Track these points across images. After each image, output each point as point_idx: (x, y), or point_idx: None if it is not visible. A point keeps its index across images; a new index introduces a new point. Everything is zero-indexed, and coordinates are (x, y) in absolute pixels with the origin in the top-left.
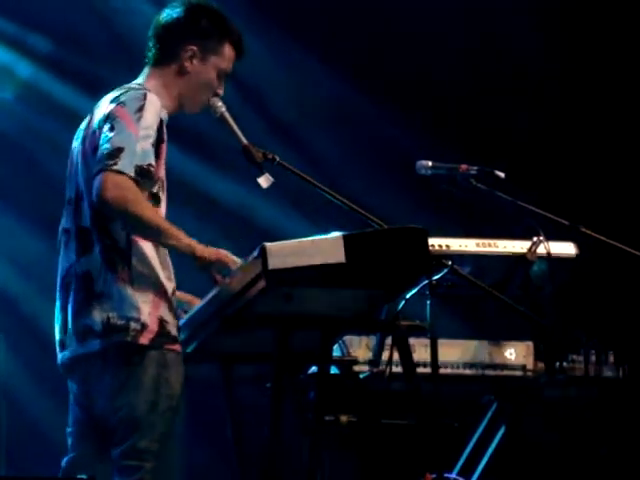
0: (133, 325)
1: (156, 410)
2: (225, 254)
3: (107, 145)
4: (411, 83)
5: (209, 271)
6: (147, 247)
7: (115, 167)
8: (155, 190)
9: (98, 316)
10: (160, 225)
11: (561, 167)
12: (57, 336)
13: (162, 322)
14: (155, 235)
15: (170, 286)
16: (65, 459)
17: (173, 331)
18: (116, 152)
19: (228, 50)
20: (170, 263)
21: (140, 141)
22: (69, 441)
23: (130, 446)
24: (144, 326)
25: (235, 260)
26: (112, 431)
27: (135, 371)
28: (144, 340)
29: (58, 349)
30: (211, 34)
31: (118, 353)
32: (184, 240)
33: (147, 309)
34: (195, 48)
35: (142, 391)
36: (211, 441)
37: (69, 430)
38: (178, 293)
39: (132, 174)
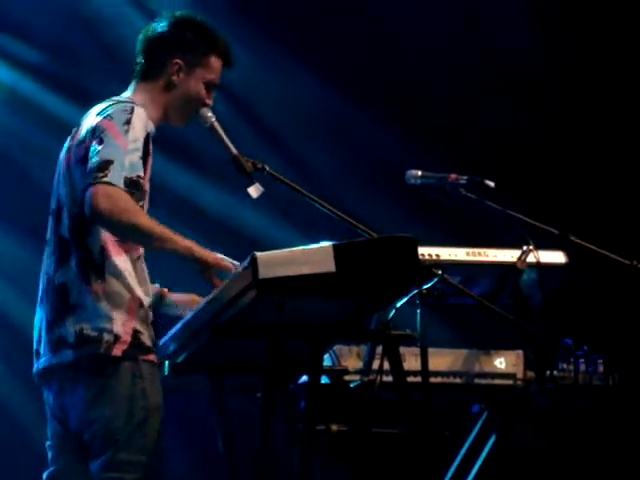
0: (106, 337)
1: (132, 422)
2: (224, 259)
3: (96, 158)
4: (402, 92)
5: (208, 274)
6: (122, 260)
7: (105, 179)
8: (140, 204)
9: (71, 327)
10: (157, 230)
11: (550, 176)
12: (34, 346)
13: (136, 333)
14: (153, 241)
15: (146, 300)
16: (46, 473)
17: (147, 342)
18: (105, 165)
19: (215, 61)
20: (148, 279)
21: (128, 154)
22: (49, 455)
23: (108, 459)
24: (117, 337)
25: (234, 264)
26: (88, 444)
27: (109, 383)
28: (117, 352)
29: (34, 359)
30: (197, 46)
31: (91, 365)
32: (183, 243)
33: (120, 321)
34: (181, 61)
35: (117, 403)
36: (201, 451)
37: (48, 444)
38: (177, 295)
39: (122, 186)
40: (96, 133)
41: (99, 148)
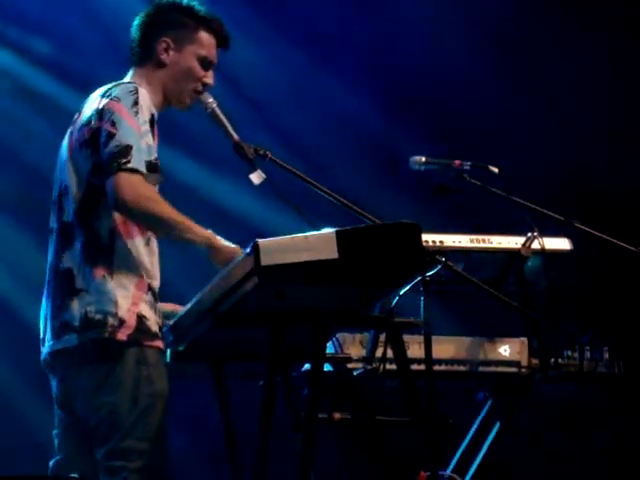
0: (110, 320)
1: (137, 408)
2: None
3: (115, 143)
4: (406, 80)
5: (223, 265)
6: (133, 243)
7: (129, 165)
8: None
9: (77, 311)
10: (178, 220)
11: (554, 163)
12: (40, 334)
13: (141, 318)
14: (173, 230)
15: (154, 284)
16: (52, 461)
17: (154, 327)
18: (126, 150)
19: (205, 36)
20: (157, 263)
21: (143, 136)
22: (55, 442)
23: (113, 446)
24: (122, 322)
25: None
26: (93, 431)
27: (114, 369)
28: (122, 336)
29: (41, 346)
30: (183, 24)
31: (95, 350)
32: (201, 233)
33: (126, 305)
34: (168, 39)
35: (122, 389)
36: (203, 439)
37: (55, 432)
38: (161, 305)
39: (144, 170)
40: (105, 116)
41: (114, 132)
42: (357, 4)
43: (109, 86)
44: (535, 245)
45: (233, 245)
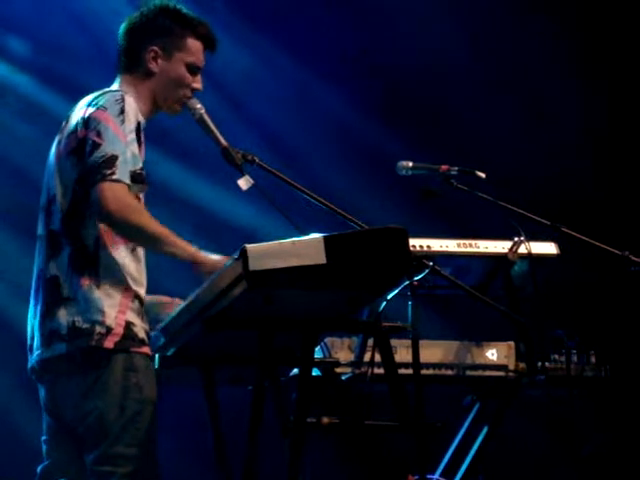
0: (98, 329)
1: (125, 415)
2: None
3: (100, 153)
4: (396, 83)
5: (206, 277)
6: (118, 251)
7: (114, 177)
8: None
9: (64, 320)
10: (161, 234)
11: (542, 167)
12: (28, 341)
13: (128, 325)
14: (157, 244)
15: (140, 291)
16: (40, 467)
17: (141, 334)
18: (111, 160)
19: (192, 43)
20: (144, 270)
21: (129, 146)
22: (44, 449)
23: (102, 452)
24: (109, 329)
25: None
26: (82, 437)
27: (101, 376)
28: (109, 344)
29: (28, 354)
30: (171, 31)
31: (84, 358)
32: (186, 248)
33: (113, 313)
34: (156, 48)
35: (109, 396)
36: (192, 443)
37: (43, 438)
38: (157, 297)
39: (128, 181)
40: (91, 125)
41: (100, 142)
42: (351, 3)
43: (96, 94)
44: (522, 249)
45: (218, 257)
